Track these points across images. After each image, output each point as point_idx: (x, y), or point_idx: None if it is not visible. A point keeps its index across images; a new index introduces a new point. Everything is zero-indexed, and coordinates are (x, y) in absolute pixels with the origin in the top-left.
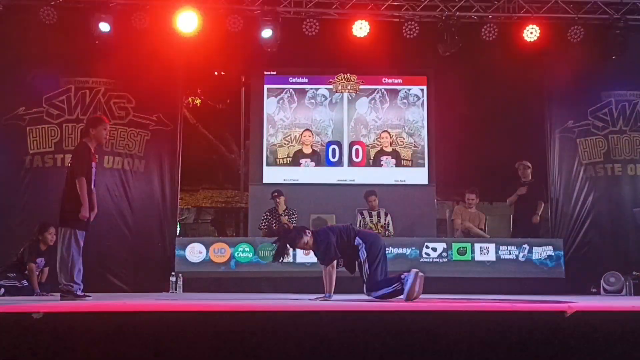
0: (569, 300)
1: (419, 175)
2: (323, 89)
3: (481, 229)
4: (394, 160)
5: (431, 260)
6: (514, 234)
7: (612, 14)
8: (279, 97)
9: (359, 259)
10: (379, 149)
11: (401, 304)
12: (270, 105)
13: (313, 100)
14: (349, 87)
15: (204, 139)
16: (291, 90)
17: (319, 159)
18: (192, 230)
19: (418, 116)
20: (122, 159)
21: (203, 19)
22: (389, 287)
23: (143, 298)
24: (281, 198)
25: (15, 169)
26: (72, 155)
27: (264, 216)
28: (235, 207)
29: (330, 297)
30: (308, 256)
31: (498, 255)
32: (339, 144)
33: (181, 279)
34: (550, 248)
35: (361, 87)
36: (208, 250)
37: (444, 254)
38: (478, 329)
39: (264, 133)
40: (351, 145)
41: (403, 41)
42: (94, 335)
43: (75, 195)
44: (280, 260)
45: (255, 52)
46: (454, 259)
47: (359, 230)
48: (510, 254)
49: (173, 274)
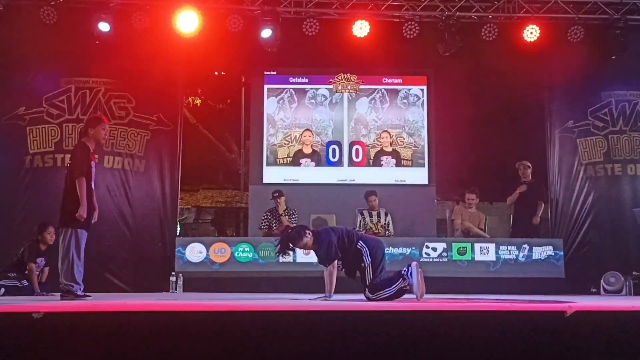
0: (569, 300)
1: (419, 175)
2: (323, 89)
3: (481, 229)
4: (394, 160)
5: (431, 260)
6: (513, 234)
7: (612, 14)
8: (279, 97)
9: (362, 262)
10: (379, 149)
11: (402, 304)
12: (270, 105)
13: (313, 100)
14: (349, 87)
15: (204, 139)
16: (291, 90)
17: (319, 159)
18: (192, 230)
19: (418, 116)
20: (123, 159)
21: (203, 19)
22: (392, 287)
23: (143, 298)
24: (282, 198)
25: (15, 168)
26: (71, 155)
27: (264, 216)
28: (235, 207)
29: (331, 297)
30: (308, 256)
31: (498, 255)
32: (339, 144)
33: (181, 279)
34: (550, 248)
35: (361, 87)
36: (208, 250)
37: (444, 254)
38: (478, 329)
39: (264, 133)
40: (351, 145)
41: (403, 41)
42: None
43: (75, 195)
44: (282, 255)
45: (255, 52)
46: (454, 259)
47: (361, 235)
48: (510, 254)
49: (173, 273)
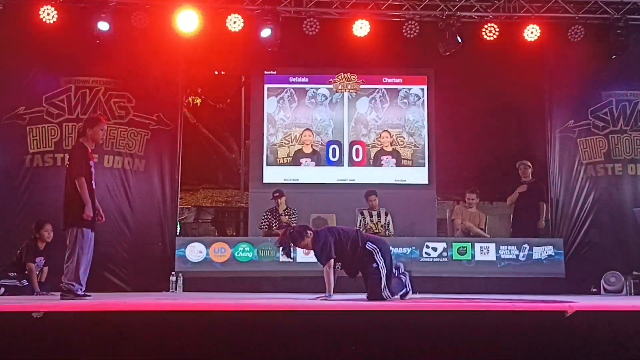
0: (569, 300)
1: (419, 175)
2: (323, 89)
3: (481, 229)
4: (394, 160)
5: (431, 260)
6: (514, 234)
7: (613, 14)
8: (279, 97)
9: (374, 262)
10: (379, 148)
11: (400, 304)
12: (270, 104)
13: (313, 100)
14: (349, 87)
15: (204, 138)
16: (291, 89)
17: (319, 158)
18: (193, 229)
19: (418, 116)
20: (123, 159)
21: (203, 18)
22: (400, 293)
23: (143, 297)
24: (282, 198)
25: (15, 168)
26: (70, 155)
27: (264, 216)
28: (235, 207)
29: (331, 297)
30: (308, 256)
31: (498, 255)
32: (339, 144)
33: (181, 279)
34: (551, 248)
35: (361, 87)
36: (208, 250)
37: (444, 254)
38: (478, 329)
39: (264, 132)
40: (351, 144)
41: (403, 41)
42: (94, 335)
43: (76, 195)
44: (284, 254)
45: (255, 52)
46: (454, 258)
47: (367, 236)
48: (510, 253)
49: (173, 273)
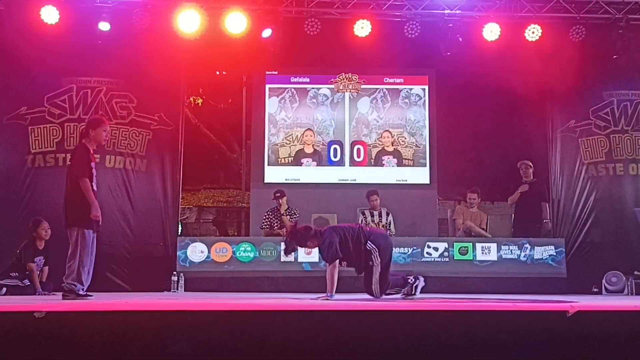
0: (570, 299)
1: (420, 175)
2: (324, 89)
3: (483, 229)
4: (395, 160)
5: (433, 259)
6: (515, 234)
7: (614, 14)
8: (281, 97)
9: (370, 261)
10: (381, 148)
11: (401, 304)
12: (271, 104)
13: (314, 100)
14: (351, 87)
15: (205, 138)
16: (293, 89)
17: (321, 158)
18: (194, 229)
19: (419, 116)
20: (124, 159)
21: (204, 18)
22: (399, 293)
23: (145, 297)
24: (283, 198)
25: (17, 168)
26: (72, 156)
27: (266, 215)
28: (236, 207)
29: (332, 297)
30: (310, 255)
31: (500, 255)
32: (341, 144)
33: (183, 279)
34: (552, 247)
35: (363, 87)
36: (210, 250)
37: (446, 254)
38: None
39: (266, 132)
40: (353, 144)
41: (404, 40)
42: (95, 334)
43: (78, 196)
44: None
45: (256, 52)
46: (455, 258)
47: (369, 233)
48: (512, 253)
49: (174, 273)
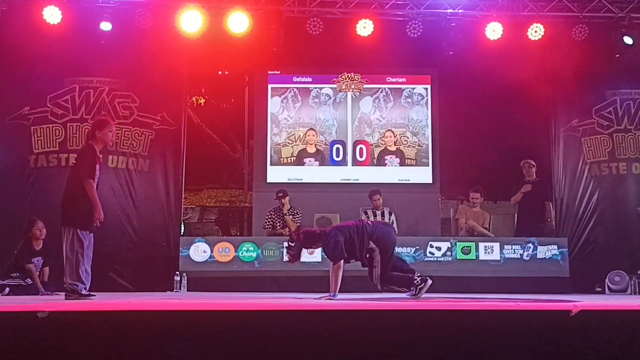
0: (573, 299)
1: (423, 175)
2: (327, 88)
3: (485, 228)
4: (398, 160)
5: (435, 259)
6: (518, 233)
7: (617, 12)
8: (283, 97)
9: (373, 260)
10: (383, 148)
11: (404, 304)
12: (274, 104)
13: (317, 100)
14: (353, 86)
15: (208, 138)
16: (295, 89)
17: (323, 158)
18: (196, 229)
19: (422, 115)
20: (127, 159)
21: (207, 18)
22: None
23: (147, 297)
24: (286, 198)
25: (19, 168)
26: (78, 156)
27: (268, 215)
28: (239, 207)
29: (335, 297)
30: (312, 255)
31: (502, 255)
32: (343, 143)
33: (185, 278)
34: (555, 247)
35: (365, 86)
36: (212, 250)
37: (448, 253)
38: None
39: (268, 132)
40: (355, 144)
41: (407, 40)
42: (98, 334)
43: (79, 196)
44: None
45: (259, 52)
46: (458, 258)
47: (372, 232)
48: (514, 253)
49: (177, 273)
